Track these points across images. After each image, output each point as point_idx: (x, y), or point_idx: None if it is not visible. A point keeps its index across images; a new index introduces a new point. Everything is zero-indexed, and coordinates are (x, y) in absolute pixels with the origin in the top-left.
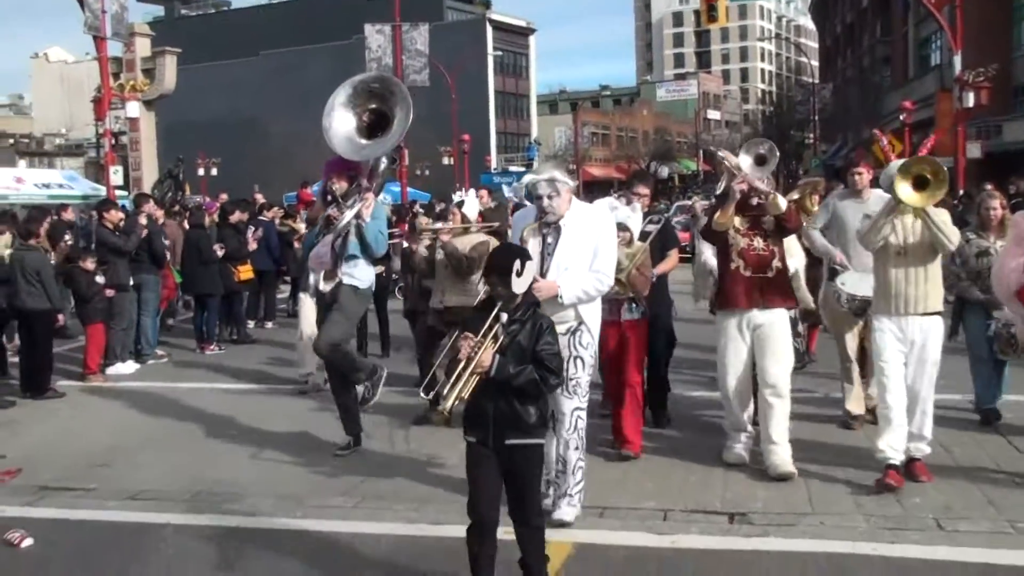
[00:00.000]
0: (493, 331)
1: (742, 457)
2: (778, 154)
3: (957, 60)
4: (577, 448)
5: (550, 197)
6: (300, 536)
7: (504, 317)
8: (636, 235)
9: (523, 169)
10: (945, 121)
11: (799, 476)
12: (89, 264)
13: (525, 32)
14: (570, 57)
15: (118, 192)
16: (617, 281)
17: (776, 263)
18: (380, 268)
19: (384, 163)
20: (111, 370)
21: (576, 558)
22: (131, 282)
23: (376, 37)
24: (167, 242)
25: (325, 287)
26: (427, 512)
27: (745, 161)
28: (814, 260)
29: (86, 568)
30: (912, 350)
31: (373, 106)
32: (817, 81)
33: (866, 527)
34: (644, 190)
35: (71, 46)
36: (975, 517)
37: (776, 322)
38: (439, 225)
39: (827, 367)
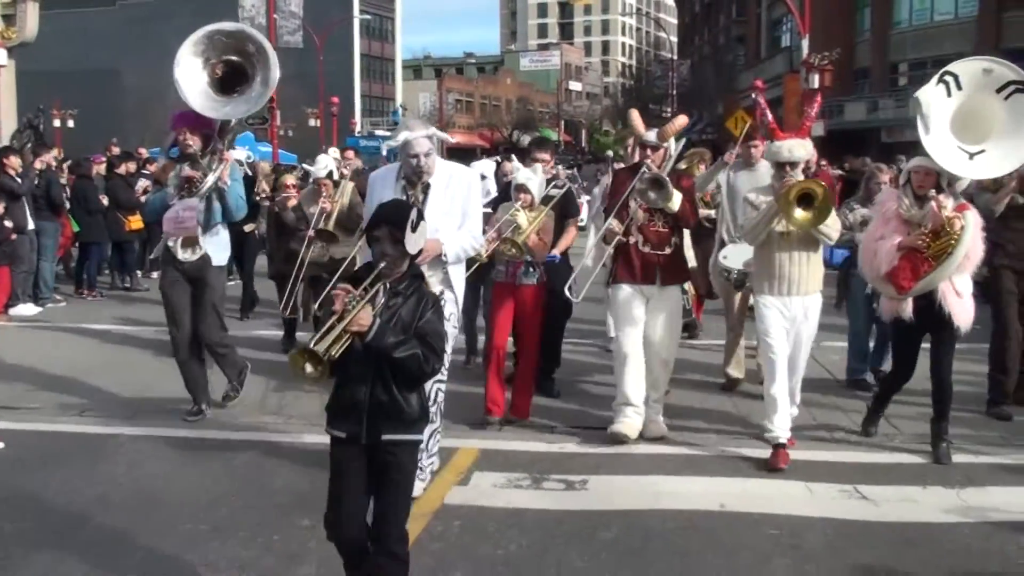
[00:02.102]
0: (372, 293)
1: (627, 435)
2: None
3: (804, 44)
4: (432, 422)
5: (427, 155)
6: (250, 444)
7: (384, 288)
8: (537, 198)
9: (388, 133)
10: (792, 100)
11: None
12: None
13: None
14: (436, 23)
15: None
16: (514, 244)
17: (675, 240)
18: (252, 226)
19: (234, 120)
20: (13, 311)
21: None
22: (31, 227)
23: None
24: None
25: (186, 256)
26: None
27: (652, 196)
28: (698, 236)
29: (62, 465)
30: (793, 326)
31: (228, 58)
32: (676, 57)
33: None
34: (544, 155)
35: None
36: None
37: (668, 296)
38: (323, 201)
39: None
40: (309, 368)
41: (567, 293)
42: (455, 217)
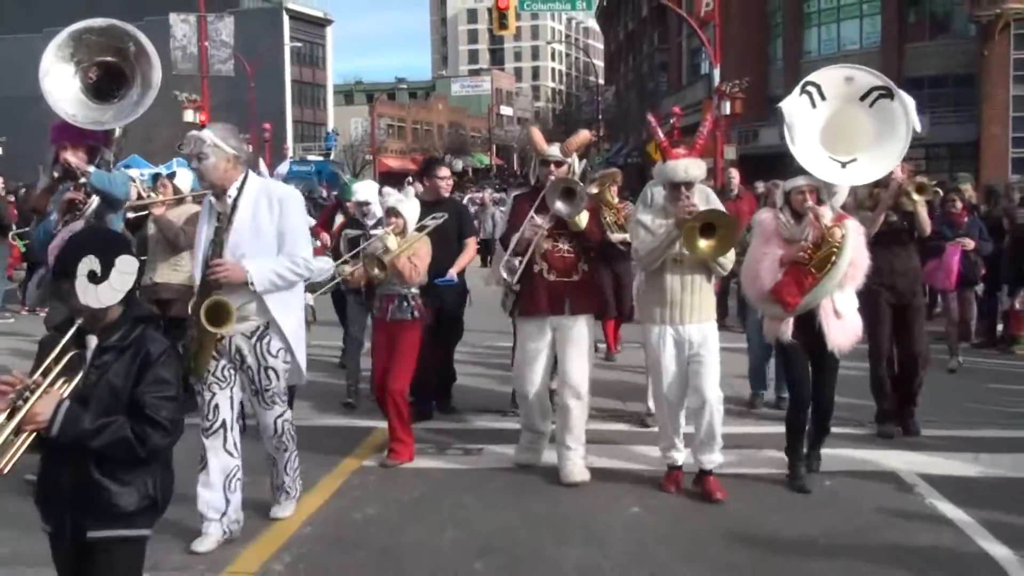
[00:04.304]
0: (62, 363)
1: (532, 459)
2: (584, 194)
3: (716, 73)
4: (287, 450)
5: (198, 158)
6: None
7: (92, 343)
8: (411, 223)
9: (320, 159)
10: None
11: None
12: None
13: (322, 23)
14: (367, 48)
15: None
16: (377, 262)
17: (582, 266)
18: None
19: (119, 129)
20: None
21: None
22: None
23: (181, 26)
24: None
25: None
26: None
27: (561, 207)
28: (611, 258)
29: None
30: (694, 356)
31: (103, 59)
32: (603, 83)
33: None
34: (445, 172)
35: None
36: None
37: (578, 325)
38: (151, 199)
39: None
40: None
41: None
42: (267, 240)
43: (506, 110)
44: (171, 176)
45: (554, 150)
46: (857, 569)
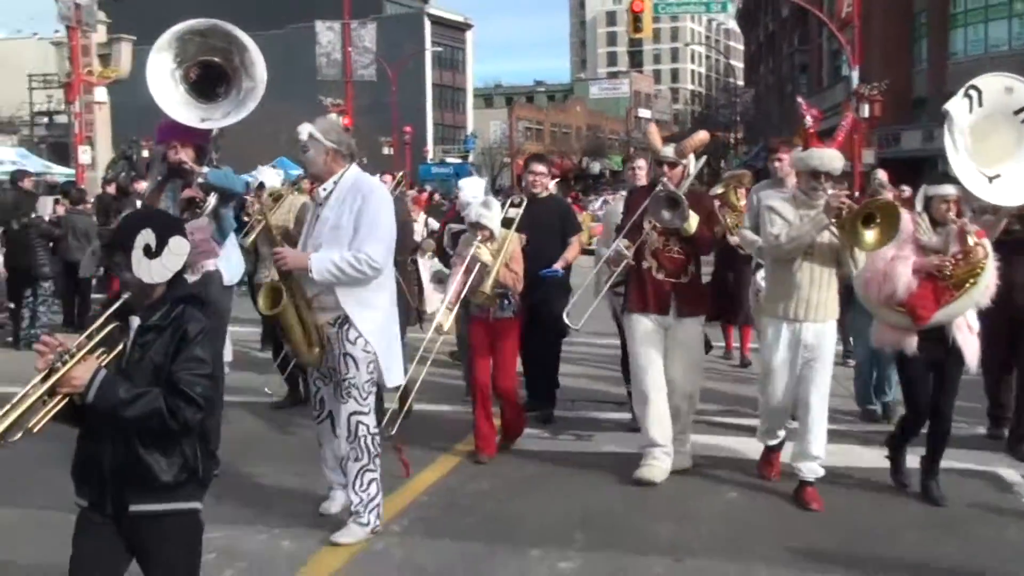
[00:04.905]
0: (101, 335)
1: (653, 479)
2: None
3: (855, 75)
4: (358, 460)
5: (303, 151)
6: None
7: (136, 322)
8: (496, 231)
9: (459, 161)
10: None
11: None
12: None
13: (462, 27)
14: (506, 51)
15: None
16: (482, 295)
17: (692, 268)
18: None
19: (217, 129)
20: None
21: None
22: None
23: (326, 33)
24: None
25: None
26: None
27: (666, 216)
28: (733, 260)
29: None
30: (803, 357)
31: (204, 59)
32: (743, 84)
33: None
34: (540, 168)
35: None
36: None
37: (685, 329)
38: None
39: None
40: None
41: (564, 319)
42: (344, 234)
43: (644, 113)
44: (261, 186)
45: (669, 151)
46: (938, 556)
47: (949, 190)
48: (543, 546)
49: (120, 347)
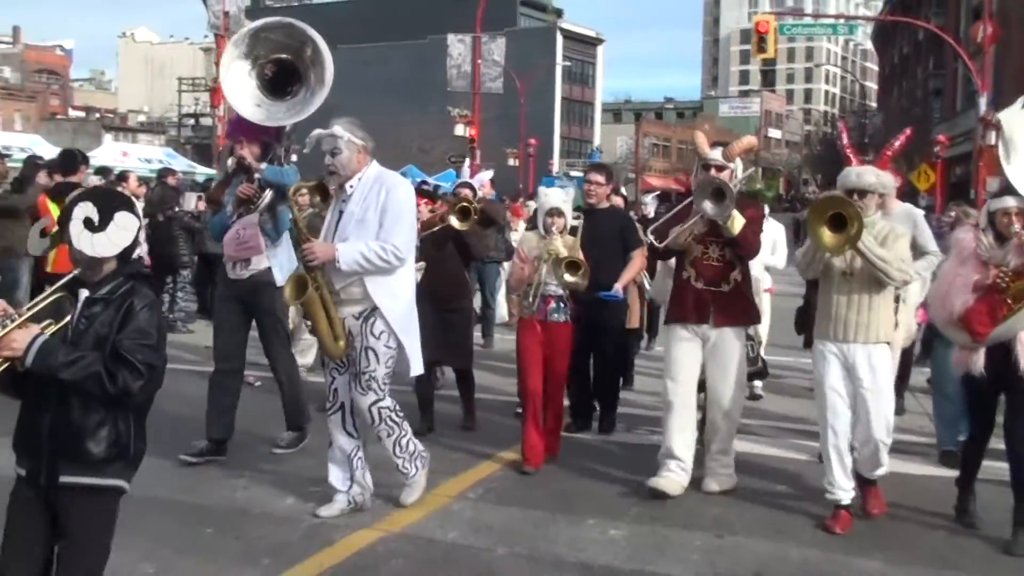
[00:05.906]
0: (45, 303)
1: (667, 490)
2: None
3: (983, 101)
4: (390, 435)
5: (332, 154)
6: None
7: (84, 294)
8: (569, 222)
9: (582, 174)
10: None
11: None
12: None
13: (594, 42)
14: (637, 67)
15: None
16: (573, 264)
17: (734, 276)
18: None
19: (289, 126)
20: None
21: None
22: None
23: (457, 46)
24: None
25: (237, 274)
26: None
27: (708, 207)
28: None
29: None
30: (859, 381)
31: (278, 57)
32: (875, 106)
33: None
34: (598, 178)
35: (158, 28)
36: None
37: (725, 339)
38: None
39: None
40: None
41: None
42: (370, 227)
43: (774, 132)
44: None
45: (716, 154)
46: (971, 544)
47: (1010, 202)
48: (598, 516)
49: (67, 318)
